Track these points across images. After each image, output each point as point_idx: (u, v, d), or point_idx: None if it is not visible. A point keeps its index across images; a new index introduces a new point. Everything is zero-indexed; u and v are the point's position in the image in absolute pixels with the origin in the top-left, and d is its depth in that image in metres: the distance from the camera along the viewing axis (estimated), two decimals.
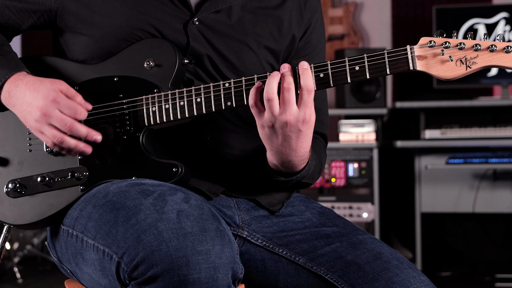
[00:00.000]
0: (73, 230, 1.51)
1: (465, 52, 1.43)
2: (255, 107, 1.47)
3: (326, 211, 1.65)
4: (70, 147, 1.53)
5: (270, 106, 1.44)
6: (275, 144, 1.49)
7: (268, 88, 1.45)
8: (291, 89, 1.44)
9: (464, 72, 1.43)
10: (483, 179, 4.21)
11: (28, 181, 1.61)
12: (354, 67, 1.46)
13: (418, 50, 1.44)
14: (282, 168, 1.55)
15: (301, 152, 1.51)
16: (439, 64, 1.43)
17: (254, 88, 1.46)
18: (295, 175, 1.57)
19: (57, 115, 1.52)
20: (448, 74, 1.44)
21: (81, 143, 1.54)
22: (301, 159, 1.54)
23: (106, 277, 1.41)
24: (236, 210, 1.61)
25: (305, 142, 1.50)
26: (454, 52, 1.43)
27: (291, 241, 1.56)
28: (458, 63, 1.43)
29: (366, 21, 4.80)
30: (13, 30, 1.69)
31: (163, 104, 1.55)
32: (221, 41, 1.61)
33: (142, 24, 1.59)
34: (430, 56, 1.44)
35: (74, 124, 1.52)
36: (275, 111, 1.44)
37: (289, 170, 1.55)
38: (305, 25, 1.70)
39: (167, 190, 1.42)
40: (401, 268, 1.48)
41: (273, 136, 1.48)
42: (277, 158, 1.52)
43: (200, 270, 1.29)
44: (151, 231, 1.32)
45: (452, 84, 4.28)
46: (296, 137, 1.47)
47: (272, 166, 1.56)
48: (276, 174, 1.58)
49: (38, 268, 4.58)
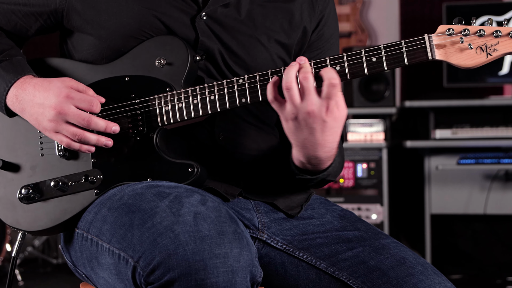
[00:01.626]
0: (88, 233, 1.50)
1: (485, 39, 1.41)
2: (275, 101, 1.45)
3: (347, 214, 1.64)
4: (91, 142, 1.53)
5: (290, 95, 1.43)
6: (300, 138, 1.47)
7: (286, 78, 1.43)
8: (309, 78, 1.42)
9: (484, 60, 1.41)
10: (495, 180, 4.20)
11: (41, 186, 1.61)
12: (371, 59, 1.44)
13: (436, 39, 1.43)
14: (309, 165, 1.53)
15: (328, 147, 1.48)
16: (459, 52, 1.42)
17: (271, 83, 1.45)
18: (321, 173, 1.55)
19: (73, 111, 1.51)
20: (468, 62, 1.42)
21: (102, 137, 1.53)
22: (328, 155, 1.51)
23: (122, 281, 1.40)
24: (255, 212, 1.60)
25: (331, 135, 1.46)
26: (474, 39, 1.41)
27: (312, 244, 1.56)
28: (478, 50, 1.41)
29: (373, 19, 4.80)
30: (21, 36, 1.69)
31: (176, 103, 1.54)
32: (230, 36, 1.61)
33: (150, 20, 1.58)
34: (449, 44, 1.42)
35: (92, 118, 1.52)
36: (296, 101, 1.42)
37: (316, 167, 1.53)
38: (317, 18, 1.69)
39: (184, 192, 1.41)
40: (426, 274, 1.47)
41: (297, 129, 1.46)
42: (303, 154, 1.50)
43: (218, 274, 1.28)
44: (167, 234, 1.31)
45: (462, 83, 4.28)
46: (321, 130, 1.44)
47: (297, 163, 1.54)
48: (302, 172, 1.56)
49: (39, 270, 4.59)
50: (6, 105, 1.58)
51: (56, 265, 4.63)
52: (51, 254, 4.72)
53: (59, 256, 4.66)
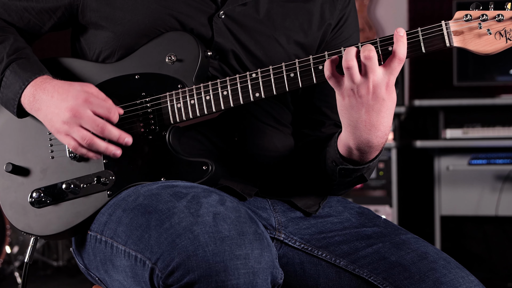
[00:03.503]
0: (102, 235, 1.50)
1: (504, 24, 1.40)
2: (333, 77, 1.44)
3: (365, 211, 1.65)
4: (100, 149, 1.53)
5: (351, 74, 1.41)
6: (354, 118, 1.45)
7: (347, 56, 1.42)
8: (373, 57, 1.40)
9: (504, 45, 1.41)
10: (507, 180, 4.20)
11: (53, 189, 1.61)
12: (386, 48, 1.44)
13: (453, 25, 1.42)
14: (356, 151, 1.51)
15: (381, 131, 1.47)
16: (477, 38, 1.41)
17: (329, 60, 1.44)
18: (366, 164, 1.54)
19: (89, 115, 1.52)
20: (488, 48, 1.42)
21: (111, 145, 1.53)
22: (380, 142, 1.50)
23: (139, 284, 1.40)
24: (272, 212, 1.61)
25: (387, 117, 1.46)
26: (492, 24, 1.41)
27: (331, 242, 1.56)
28: (497, 36, 1.41)
29: (381, 15, 4.80)
30: (33, 33, 1.69)
31: (188, 99, 1.54)
32: (248, 36, 1.61)
33: (165, 19, 1.59)
34: (467, 30, 1.42)
35: (107, 126, 1.52)
36: (356, 79, 1.42)
37: (362, 157, 1.52)
38: (338, 17, 1.70)
39: (201, 192, 1.42)
40: (448, 268, 1.47)
41: (353, 107, 1.44)
42: (354, 137, 1.48)
43: (239, 276, 1.28)
44: (186, 235, 1.31)
45: (473, 82, 4.28)
46: (378, 108, 1.44)
47: (344, 150, 1.53)
48: (346, 161, 1.54)
49: (39, 273, 4.58)
50: (20, 104, 1.59)
51: (56, 268, 4.63)
52: (51, 256, 4.72)
53: (60, 258, 4.66)
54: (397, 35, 1.42)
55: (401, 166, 4.28)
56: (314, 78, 1.48)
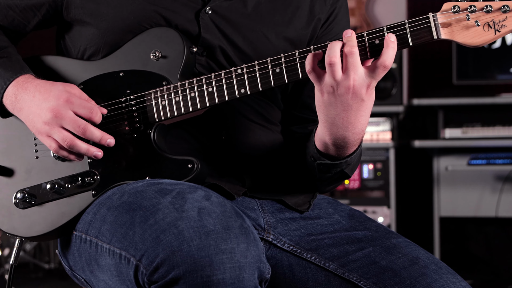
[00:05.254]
0: (87, 235, 1.50)
1: (493, 15, 1.39)
2: (313, 72, 1.43)
3: (356, 213, 1.64)
4: (81, 151, 1.53)
5: (332, 71, 1.41)
6: (331, 114, 1.46)
7: (330, 52, 1.41)
8: (355, 53, 1.40)
9: (493, 37, 1.40)
10: (507, 181, 4.19)
11: (37, 189, 1.61)
12: (374, 41, 1.43)
13: (441, 17, 1.42)
14: (333, 147, 1.52)
15: (358, 128, 1.48)
16: (465, 30, 1.41)
17: (312, 54, 1.43)
18: (344, 159, 1.54)
19: (70, 116, 1.51)
20: (476, 40, 1.41)
21: (92, 147, 1.54)
22: (356, 139, 1.50)
23: (124, 283, 1.40)
24: (260, 212, 1.61)
25: (364, 116, 1.46)
26: (481, 16, 1.40)
27: (320, 245, 1.56)
28: (486, 27, 1.40)
29: (379, 13, 4.80)
30: (18, 32, 1.69)
31: (173, 97, 1.54)
32: (235, 31, 1.61)
33: (151, 15, 1.59)
34: (455, 22, 1.41)
35: (88, 127, 1.52)
36: (338, 76, 1.41)
37: (339, 152, 1.53)
38: (328, 12, 1.69)
39: (186, 188, 1.42)
40: (440, 274, 1.47)
41: (332, 104, 1.45)
42: (331, 133, 1.49)
43: (225, 270, 1.28)
44: (171, 230, 1.32)
45: (473, 80, 4.27)
46: (357, 108, 1.44)
47: (320, 145, 1.54)
48: (323, 156, 1.55)
49: (30, 276, 4.58)
50: (2, 103, 1.58)
51: (48, 270, 4.63)
52: (42, 258, 4.71)
53: (51, 260, 4.66)
54: (387, 40, 1.41)
55: (400, 167, 4.27)
56: (300, 73, 1.48)
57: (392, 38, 1.41)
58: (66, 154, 1.55)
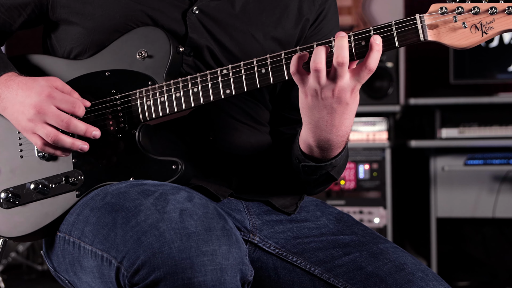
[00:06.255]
0: (70, 236, 1.50)
1: (480, 17, 1.39)
2: (298, 73, 1.42)
3: (344, 217, 1.64)
4: (66, 145, 1.53)
5: (317, 76, 1.40)
6: (315, 117, 1.45)
7: (316, 58, 1.40)
8: (345, 64, 1.38)
9: (480, 39, 1.40)
10: (504, 181, 4.19)
11: (21, 189, 1.61)
12: (360, 42, 1.42)
13: (428, 18, 1.41)
14: (317, 149, 1.51)
15: (342, 131, 1.48)
16: (452, 32, 1.40)
17: (297, 55, 1.42)
18: (328, 161, 1.54)
19: (53, 111, 1.51)
20: (463, 42, 1.40)
21: (77, 140, 1.53)
22: (340, 141, 1.50)
23: (106, 285, 1.40)
24: (246, 214, 1.60)
25: (348, 119, 1.46)
26: (468, 17, 1.40)
27: (306, 249, 1.56)
28: (473, 29, 1.40)
29: (376, 12, 4.79)
30: (4, 31, 1.69)
31: (158, 97, 1.54)
32: (223, 31, 1.61)
33: (137, 14, 1.59)
34: (442, 24, 1.41)
35: (72, 120, 1.52)
36: (322, 82, 1.40)
37: (324, 154, 1.52)
38: (317, 12, 1.68)
39: (170, 190, 1.42)
40: (426, 281, 1.47)
41: (315, 107, 1.44)
42: (314, 135, 1.49)
43: (206, 272, 1.28)
44: (152, 232, 1.32)
45: (470, 79, 4.27)
46: (341, 112, 1.44)
47: (305, 147, 1.54)
48: (308, 158, 1.54)
49: (23, 277, 4.58)
50: None
51: (41, 272, 4.63)
52: (36, 260, 4.71)
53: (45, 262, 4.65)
54: (373, 42, 1.40)
55: (396, 167, 4.27)
56: (285, 74, 1.48)
57: (378, 41, 1.40)
58: (52, 150, 1.54)
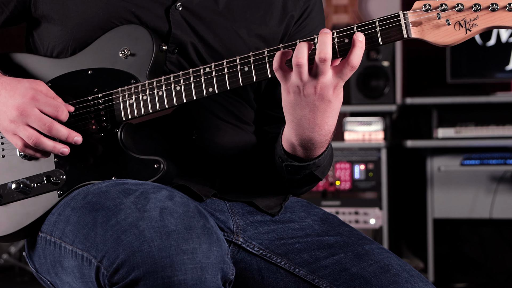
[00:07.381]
0: (51, 236, 1.50)
1: (464, 14, 1.39)
2: (280, 70, 1.43)
3: (329, 217, 1.63)
4: (47, 149, 1.53)
5: (299, 72, 1.40)
6: (297, 115, 1.46)
7: (298, 53, 1.40)
8: (328, 59, 1.39)
9: (463, 36, 1.40)
10: (501, 182, 4.19)
11: (3, 189, 1.60)
12: (343, 40, 1.42)
13: (412, 16, 1.41)
14: (300, 148, 1.51)
15: (325, 129, 1.48)
16: (435, 29, 1.41)
17: (281, 52, 1.43)
18: (311, 160, 1.54)
19: (36, 113, 1.51)
20: (446, 39, 1.41)
21: (59, 144, 1.53)
22: (323, 140, 1.50)
23: (87, 285, 1.41)
24: (230, 214, 1.60)
25: (331, 118, 1.46)
26: (452, 14, 1.40)
27: (291, 250, 1.55)
28: (457, 26, 1.40)
29: (373, 10, 4.79)
30: None
31: (141, 95, 1.54)
32: (206, 28, 1.61)
33: (120, 11, 1.58)
34: (425, 21, 1.41)
35: (54, 124, 1.52)
36: (304, 77, 1.41)
37: (307, 153, 1.52)
38: (301, 9, 1.68)
39: (151, 189, 1.42)
40: (411, 282, 1.46)
41: (298, 104, 1.44)
42: (297, 134, 1.49)
43: (186, 271, 1.28)
44: (131, 230, 1.32)
45: (467, 79, 4.27)
46: (323, 109, 1.44)
47: (287, 146, 1.53)
48: (291, 158, 1.54)
49: (16, 279, 4.58)
50: None
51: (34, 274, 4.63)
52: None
53: None
54: (356, 39, 1.40)
55: (392, 167, 4.26)
56: (268, 72, 1.48)
57: (360, 38, 1.40)
58: (32, 152, 1.54)
